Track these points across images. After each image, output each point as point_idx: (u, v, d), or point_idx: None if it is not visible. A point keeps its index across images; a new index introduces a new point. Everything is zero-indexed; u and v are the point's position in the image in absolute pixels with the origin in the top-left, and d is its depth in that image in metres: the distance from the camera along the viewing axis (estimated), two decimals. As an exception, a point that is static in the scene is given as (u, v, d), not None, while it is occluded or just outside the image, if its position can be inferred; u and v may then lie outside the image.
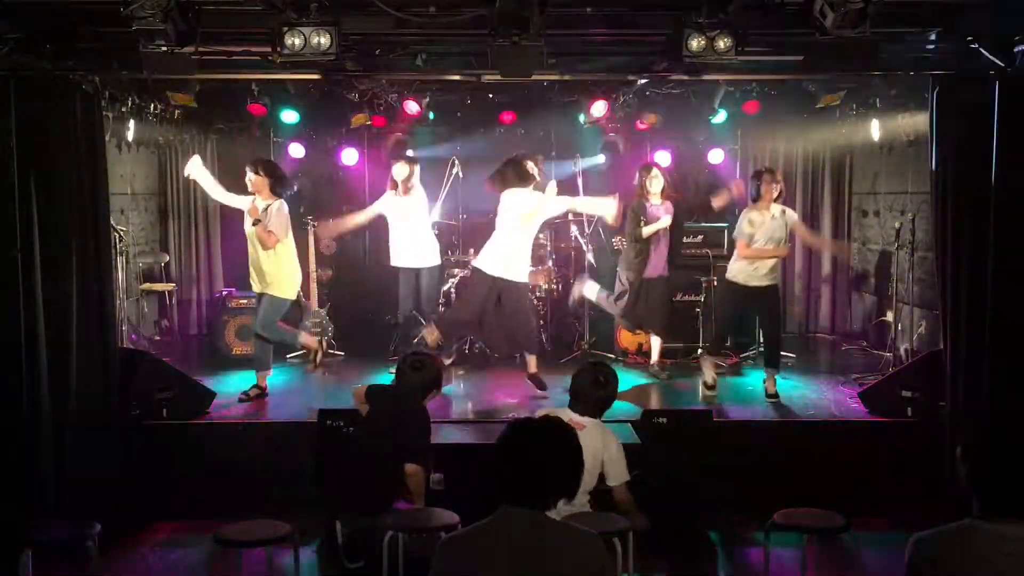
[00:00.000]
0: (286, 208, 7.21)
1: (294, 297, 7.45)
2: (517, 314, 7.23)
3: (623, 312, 8.06)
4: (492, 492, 2.67)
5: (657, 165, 8.17)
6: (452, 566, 2.62)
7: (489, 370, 8.31)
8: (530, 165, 7.23)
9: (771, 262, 7.15)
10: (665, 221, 7.83)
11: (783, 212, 7.21)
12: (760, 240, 7.10)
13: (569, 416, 4.80)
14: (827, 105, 8.18)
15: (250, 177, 7.18)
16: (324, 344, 7.90)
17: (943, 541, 2.45)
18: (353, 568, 5.20)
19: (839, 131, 9.32)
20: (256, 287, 7.28)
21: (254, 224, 7.09)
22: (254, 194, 7.19)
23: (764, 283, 7.16)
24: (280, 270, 7.19)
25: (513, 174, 7.24)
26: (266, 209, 7.12)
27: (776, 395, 7.16)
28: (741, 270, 7.18)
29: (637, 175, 7.97)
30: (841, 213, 10.20)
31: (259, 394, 7.26)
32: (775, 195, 7.16)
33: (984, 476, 2.47)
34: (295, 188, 7.95)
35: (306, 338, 7.77)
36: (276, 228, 7.08)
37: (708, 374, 7.29)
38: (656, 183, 7.87)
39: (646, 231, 7.80)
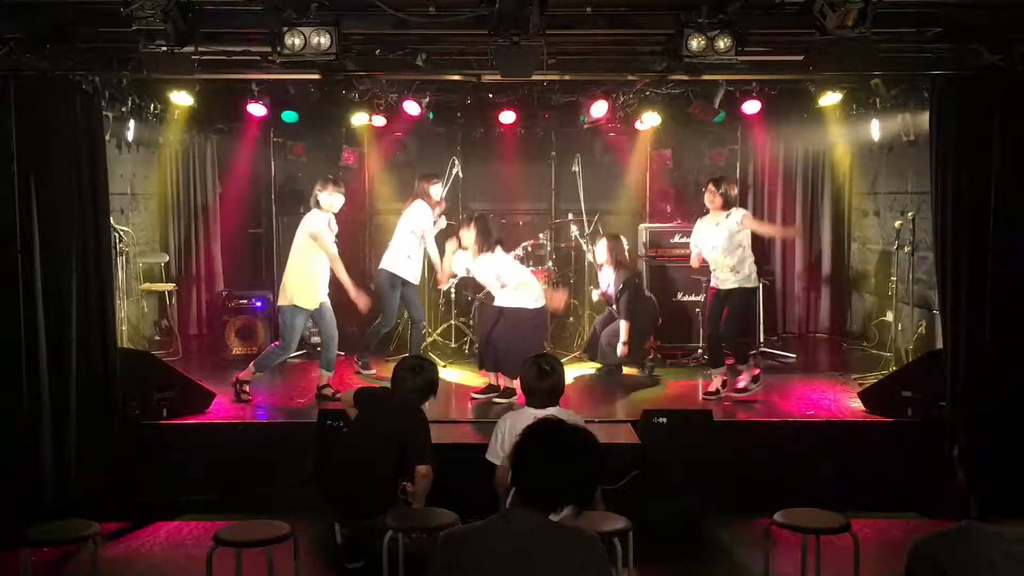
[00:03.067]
0: None
1: None
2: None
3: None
4: (490, 492, 2.68)
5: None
6: (452, 562, 2.62)
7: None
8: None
9: (727, 270, 7.16)
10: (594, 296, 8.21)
11: (727, 216, 7.18)
12: (702, 250, 7.29)
13: (532, 413, 4.82)
14: (827, 105, 8.19)
15: (337, 193, 7.20)
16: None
17: (943, 543, 2.44)
18: (353, 568, 5.21)
19: (839, 131, 9.32)
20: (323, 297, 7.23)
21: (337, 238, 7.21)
22: (329, 212, 7.20)
23: (729, 286, 7.19)
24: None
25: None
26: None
27: (744, 389, 7.18)
28: (712, 275, 7.34)
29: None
30: (841, 213, 10.20)
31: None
32: (717, 204, 7.19)
33: (982, 477, 2.46)
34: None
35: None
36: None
37: (714, 383, 7.32)
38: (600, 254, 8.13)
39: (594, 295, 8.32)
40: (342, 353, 7.74)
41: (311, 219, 7.17)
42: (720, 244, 7.13)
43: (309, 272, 7.10)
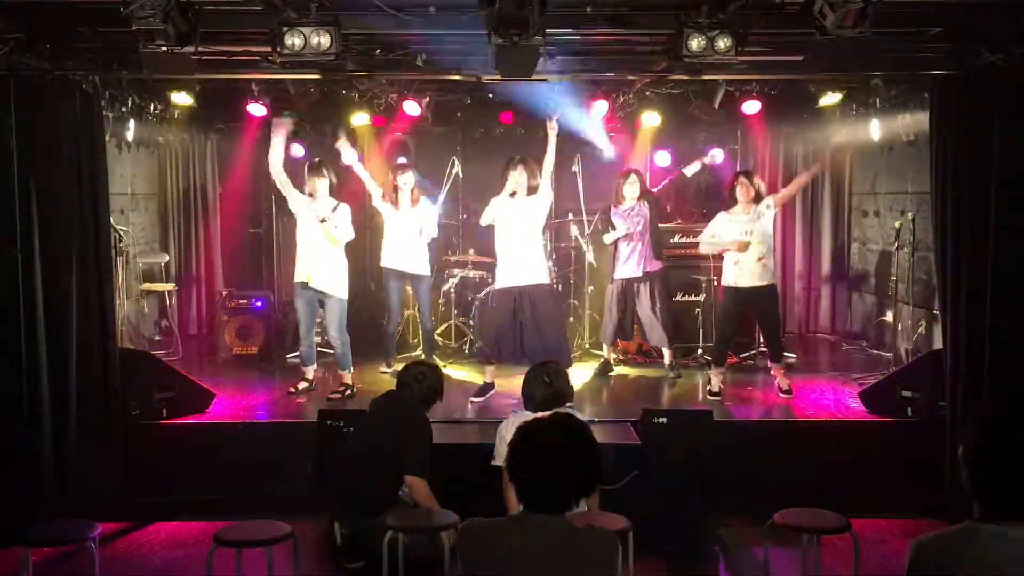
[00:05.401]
0: (347, 209, 7.35)
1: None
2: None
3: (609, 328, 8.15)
4: (492, 492, 2.70)
5: (636, 171, 8.24)
6: (479, 550, 2.66)
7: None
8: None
9: (755, 261, 7.11)
10: (620, 230, 7.91)
11: (766, 206, 7.21)
12: (727, 243, 7.19)
13: (532, 415, 4.84)
14: (827, 105, 8.18)
15: (316, 179, 7.24)
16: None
17: (945, 544, 2.42)
18: (353, 568, 5.21)
19: (839, 131, 9.32)
20: (315, 284, 7.24)
21: (322, 222, 7.14)
22: (311, 195, 7.28)
23: (756, 283, 7.14)
24: (345, 271, 7.33)
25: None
26: (334, 209, 7.22)
27: (789, 391, 7.21)
28: (729, 273, 7.24)
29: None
30: (841, 213, 10.20)
31: (348, 391, 7.29)
32: (751, 196, 7.18)
33: (986, 477, 2.44)
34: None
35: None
36: (348, 228, 7.27)
37: (714, 382, 7.32)
38: (631, 188, 7.94)
39: (606, 238, 8.05)
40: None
41: None
42: (760, 235, 7.12)
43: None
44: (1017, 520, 2.37)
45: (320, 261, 7.22)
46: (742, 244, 7.09)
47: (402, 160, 9.38)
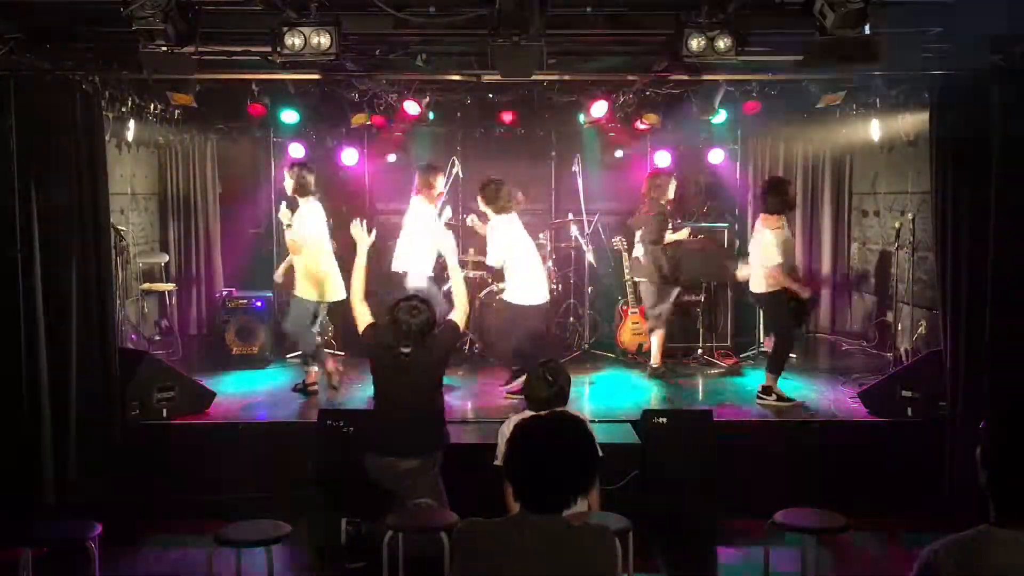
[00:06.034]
0: (312, 209, 7.33)
1: (314, 299, 7.42)
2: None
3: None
4: (492, 492, 2.69)
5: (667, 171, 8.33)
6: (477, 551, 2.65)
7: (489, 370, 8.30)
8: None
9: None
10: (683, 233, 8.09)
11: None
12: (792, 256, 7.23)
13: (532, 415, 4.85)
14: (827, 105, 8.19)
15: (286, 180, 7.44)
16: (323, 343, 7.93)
17: (958, 550, 2.37)
18: (354, 568, 5.21)
19: (839, 131, 9.32)
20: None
21: (288, 227, 7.24)
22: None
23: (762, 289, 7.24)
24: (303, 275, 7.32)
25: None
26: (292, 215, 7.29)
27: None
28: (783, 278, 7.16)
29: (655, 181, 8.13)
30: (841, 213, 10.20)
31: (315, 386, 7.39)
32: None
33: (1000, 480, 2.40)
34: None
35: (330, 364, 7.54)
36: (297, 233, 7.22)
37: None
38: (673, 188, 8.09)
39: (673, 236, 8.12)
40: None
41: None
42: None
43: None
44: None
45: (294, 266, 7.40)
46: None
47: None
